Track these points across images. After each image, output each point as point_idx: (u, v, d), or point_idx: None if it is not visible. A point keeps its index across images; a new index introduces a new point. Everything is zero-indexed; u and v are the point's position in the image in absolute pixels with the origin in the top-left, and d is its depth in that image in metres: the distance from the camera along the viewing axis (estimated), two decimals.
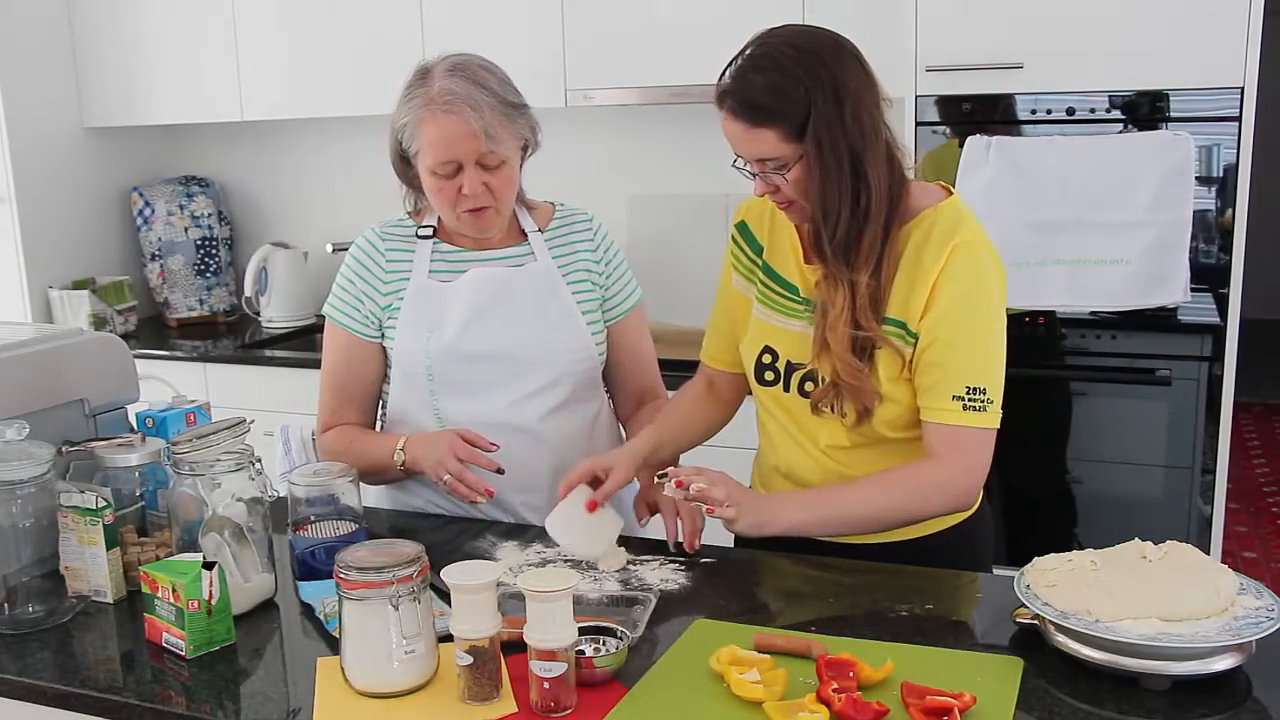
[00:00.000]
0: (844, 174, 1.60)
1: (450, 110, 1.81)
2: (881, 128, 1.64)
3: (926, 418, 1.68)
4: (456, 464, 1.83)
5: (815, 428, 1.76)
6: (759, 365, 1.81)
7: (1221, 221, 2.62)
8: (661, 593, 1.65)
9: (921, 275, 1.65)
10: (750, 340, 1.83)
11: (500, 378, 1.94)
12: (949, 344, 1.65)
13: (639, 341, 2.09)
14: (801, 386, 1.76)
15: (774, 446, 1.85)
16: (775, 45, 1.61)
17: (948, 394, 1.65)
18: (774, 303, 1.80)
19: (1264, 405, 6.33)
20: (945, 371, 1.65)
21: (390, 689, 1.39)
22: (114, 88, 3.91)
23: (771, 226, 1.82)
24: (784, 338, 1.78)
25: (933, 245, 1.65)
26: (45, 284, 3.87)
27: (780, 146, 1.61)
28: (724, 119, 1.64)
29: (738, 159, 1.68)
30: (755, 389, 1.85)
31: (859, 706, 1.28)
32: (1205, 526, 2.73)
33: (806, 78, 1.58)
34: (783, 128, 1.60)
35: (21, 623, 1.63)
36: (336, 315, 2.00)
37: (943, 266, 1.64)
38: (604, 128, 3.66)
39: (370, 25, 3.51)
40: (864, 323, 1.65)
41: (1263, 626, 1.35)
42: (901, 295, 1.66)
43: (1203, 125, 2.59)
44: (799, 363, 1.76)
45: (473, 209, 1.87)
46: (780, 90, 1.58)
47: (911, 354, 1.67)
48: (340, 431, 2.01)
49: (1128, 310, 2.67)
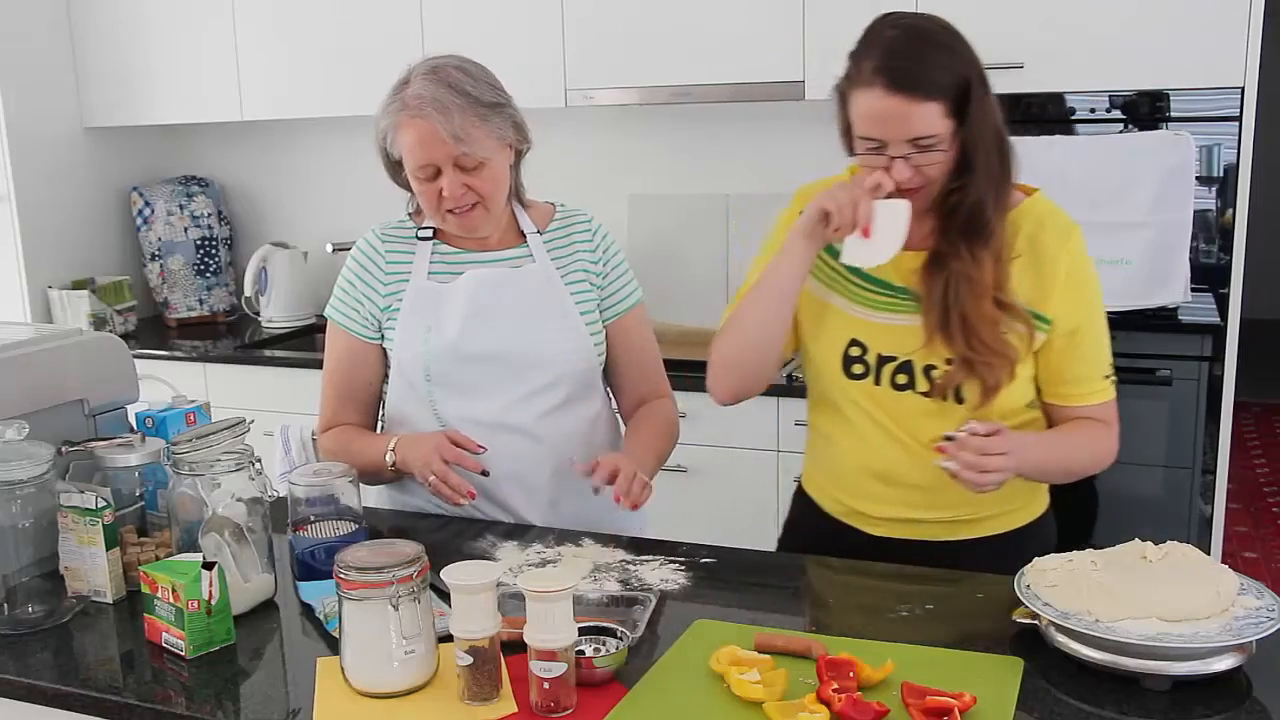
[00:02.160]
0: (993, 153, 1.65)
1: (419, 115, 1.82)
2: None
3: (1082, 401, 1.76)
4: (442, 465, 1.83)
5: (916, 422, 1.75)
6: (846, 359, 1.78)
7: (1221, 221, 2.62)
8: (661, 593, 1.64)
9: (1047, 262, 1.70)
10: (831, 335, 1.80)
11: (498, 379, 1.94)
12: (1098, 330, 1.75)
13: (640, 342, 2.07)
14: (893, 379, 1.75)
15: (866, 445, 1.80)
16: (928, 27, 1.66)
17: (1099, 375, 1.76)
18: (857, 295, 1.78)
19: (1264, 405, 6.33)
20: (1095, 354, 1.74)
21: (390, 689, 1.39)
22: (114, 88, 3.90)
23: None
24: (872, 330, 1.76)
25: (1050, 233, 1.70)
26: (45, 284, 3.87)
27: (940, 122, 1.62)
28: (876, 98, 1.62)
29: (865, 144, 1.66)
30: (839, 386, 1.80)
31: (859, 706, 1.28)
32: (1205, 526, 2.73)
33: (961, 53, 1.64)
34: (945, 103, 1.62)
35: (21, 623, 1.63)
36: (337, 316, 2.00)
37: (1071, 255, 1.70)
38: (604, 128, 3.66)
39: (370, 25, 3.51)
40: (1004, 298, 1.67)
41: (1263, 627, 1.35)
42: (1027, 282, 1.70)
43: (1203, 125, 2.59)
44: (889, 354, 1.75)
45: (456, 210, 1.87)
46: (947, 67, 1.62)
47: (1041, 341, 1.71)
48: (339, 431, 2.01)
49: (1128, 310, 2.67)
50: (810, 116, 3.38)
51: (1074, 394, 1.76)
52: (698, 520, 2.61)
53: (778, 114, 3.42)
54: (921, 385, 1.74)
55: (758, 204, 3.53)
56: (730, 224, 3.56)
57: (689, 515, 2.62)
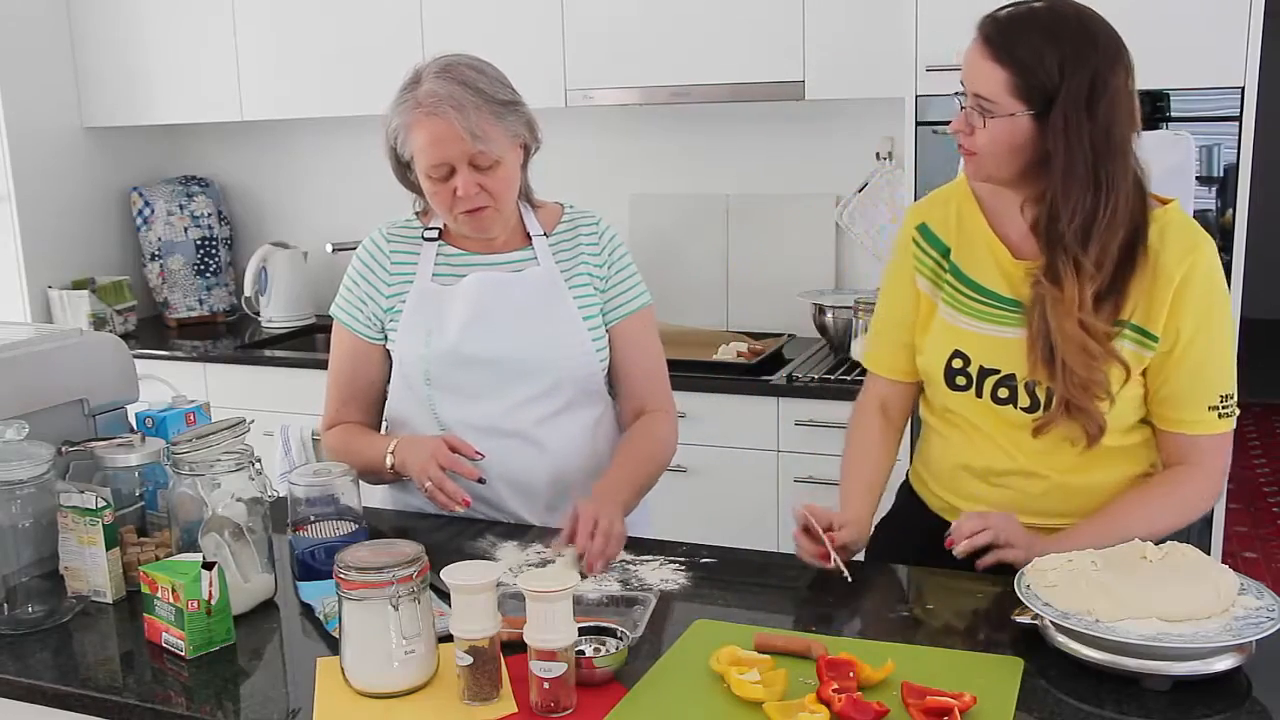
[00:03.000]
0: (1084, 162, 1.58)
1: (434, 113, 1.79)
2: (1129, 145, 1.61)
3: (1178, 429, 1.68)
4: (438, 471, 1.82)
5: (1017, 434, 1.72)
6: (949, 370, 1.76)
7: (1221, 221, 2.62)
8: (661, 593, 1.64)
9: (1163, 278, 1.62)
10: (936, 345, 1.78)
11: (498, 382, 1.93)
12: (1205, 353, 1.64)
13: (643, 347, 2.02)
14: (994, 392, 1.72)
15: (969, 445, 1.78)
16: (1064, 14, 1.61)
17: (1203, 404, 1.66)
18: (963, 305, 1.75)
19: (1264, 405, 6.33)
20: (1202, 382, 1.66)
21: (390, 689, 1.39)
22: (114, 88, 3.90)
23: (959, 228, 1.78)
24: (976, 341, 1.74)
25: (1171, 248, 1.63)
26: (45, 284, 3.87)
27: (1001, 93, 1.60)
28: (972, 43, 1.63)
29: (960, 90, 1.66)
30: (942, 394, 1.79)
31: (859, 706, 1.28)
32: (1205, 526, 2.73)
33: (1073, 57, 1.58)
34: (1018, 79, 1.59)
35: (21, 623, 1.63)
36: (341, 316, 2.00)
37: (1187, 270, 1.62)
38: (604, 128, 3.66)
39: (370, 25, 3.51)
40: (1090, 316, 1.60)
41: (1263, 627, 1.35)
42: (1143, 298, 1.63)
43: (1203, 125, 2.58)
44: (992, 367, 1.72)
45: (469, 210, 1.86)
46: (1040, 50, 1.58)
47: (1149, 360, 1.65)
48: (342, 430, 2.01)
49: None
50: (810, 116, 3.39)
51: (1170, 418, 1.68)
52: (698, 520, 2.61)
53: (778, 114, 3.43)
54: (1023, 400, 1.70)
55: (758, 204, 3.53)
56: (730, 224, 3.57)
57: (689, 515, 2.62)
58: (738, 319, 3.58)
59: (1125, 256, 1.61)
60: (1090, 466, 1.71)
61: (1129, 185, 1.61)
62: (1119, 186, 1.59)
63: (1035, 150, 1.61)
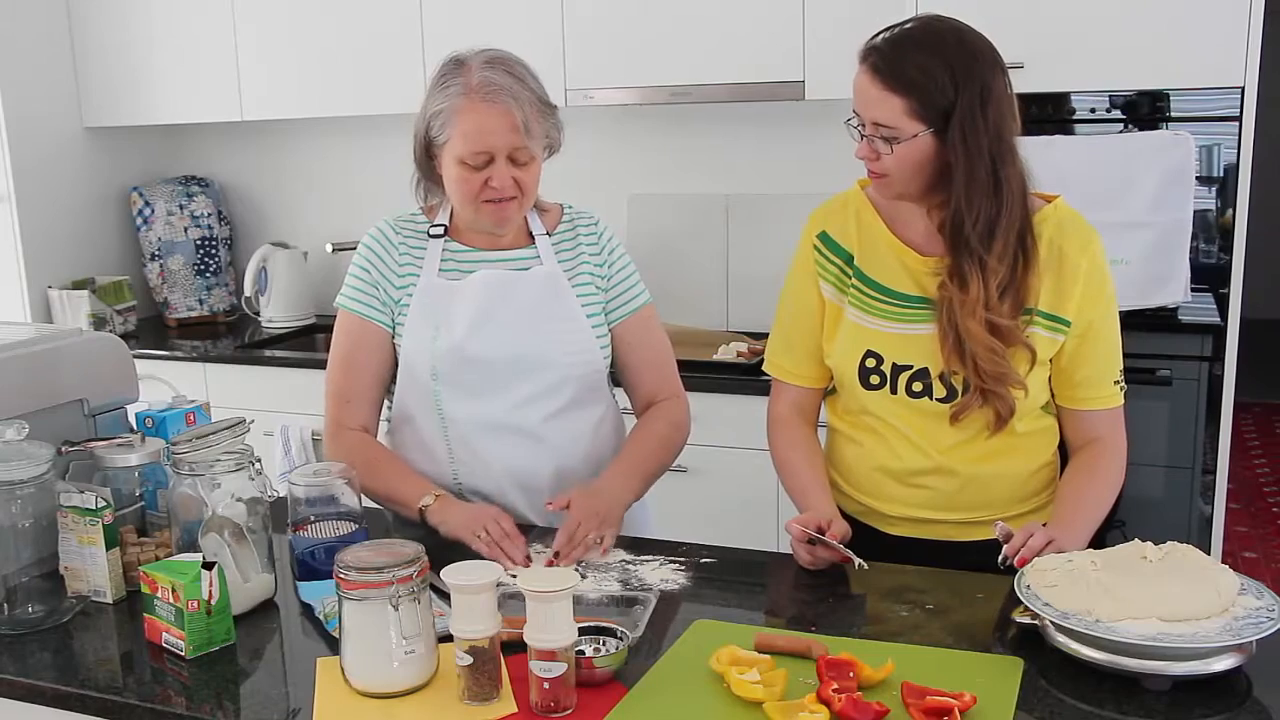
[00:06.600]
0: (984, 168, 1.66)
1: (492, 100, 1.80)
2: (1015, 145, 1.70)
3: (1089, 406, 1.79)
4: (497, 528, 1.77)
5: (932, 426, 1.78)
6: (863, 370, 1.80)
7: (1221, 221, 2.62)
8: (661, 593, 1.64)
9: (1068, 267, 1.73)
10: (847, 347, 1.82)
11: (503, 380, 1.93)
12: (1111, 333, 1.78)
13: (649, 343, 2.05)
14: (909, 387, 1.78)
15: (884, 447, 1.83)
16: (942, 31, 1.67)
17: (1109, 380, 1.78)
18: (872, 308, 1.80)
19: (1264, 405, 6.33)
20: (1106, 359, 1.77)
21: (390, 689, 1.39)
22: (114, 88, 3.90)
23: (859, 234, 1.82)
24: (887, 340, 1.78)
25: (1072, 239, 1.73)
26: (45, 284, 3.87)
27: (901, 119, 1.65)
28: (859, 74, 1.69)
29: (852, 118, 1.72)
30: (857, 395, 1.83)
31: (859, 706, 1.28)
32: (1205, 526, 2.73)
33: (960, 71, 1.64)
34: (914, 104, 1.64)
35: (21, 623, 1.63)
36: (349, 304, 1.97)
37: (1090, 259, 1.73)
38: (604, 128, 3.66)
39: (370, 25, 3.51)
40: (996, 311, 1.69)
41: (1263, 627, 1.35)
42: (1050, 286, 1.73)
43: (1203, 125, 2.59)
44: (905, 364, 1.77)
45: (497, 200, 1.86)
46: (930, 71, 1.64)
47: (1061, 344, 1.75)
48: (361, 444, 1.95)
49: (1128, 310, 2.65)
50: (810, 116, 3.39)
51: (1082, 397, 1.79)
52: (698, 520, 2.61)
53: (778, 114, 3.43)
54: (939, 391, 1.76)
55: (758, 204, 3.53)
56: (730, 224, 3.57)
57: (689, 515, 2.62)
58: (737, 319, 3.58)
59: (1018, 250, 1.70)
60: (1000, 457, 1.79)
61: (1020, 183, 1.70)
62: (1014, 186, 1.68)
63: (938, 163, 1.68)
